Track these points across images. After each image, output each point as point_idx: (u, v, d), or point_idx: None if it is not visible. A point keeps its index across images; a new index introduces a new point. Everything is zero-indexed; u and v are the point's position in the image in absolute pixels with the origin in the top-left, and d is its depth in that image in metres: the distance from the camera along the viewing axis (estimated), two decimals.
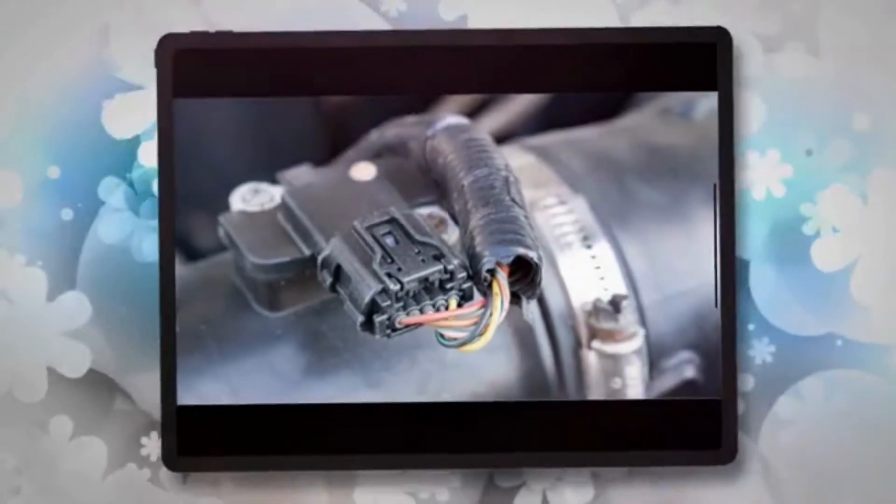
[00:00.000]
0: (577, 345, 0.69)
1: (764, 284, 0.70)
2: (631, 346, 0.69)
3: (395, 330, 0.64)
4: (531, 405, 0.68)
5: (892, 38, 0.70)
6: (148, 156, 0.70)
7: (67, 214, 0.70)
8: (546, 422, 0.68)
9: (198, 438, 0.68)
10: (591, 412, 0.68)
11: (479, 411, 0.68)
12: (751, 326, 0.70)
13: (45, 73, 0.71)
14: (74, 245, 0.70)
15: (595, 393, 0.69)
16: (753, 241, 0.70)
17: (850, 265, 0.70)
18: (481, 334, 0.64)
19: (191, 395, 0.68)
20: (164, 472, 0.70)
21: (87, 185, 0.70)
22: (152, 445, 0.71)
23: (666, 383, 0.69)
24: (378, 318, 0.64)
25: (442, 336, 0.64)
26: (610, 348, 0.68)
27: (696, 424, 0.68)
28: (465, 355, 0.65)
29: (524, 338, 0.69)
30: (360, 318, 0.64)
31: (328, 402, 0.68)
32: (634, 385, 0.69)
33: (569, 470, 0.70)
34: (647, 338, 0.69)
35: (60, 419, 0.71)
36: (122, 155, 0.70)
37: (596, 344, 0.69)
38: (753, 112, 0.70)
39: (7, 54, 0.71)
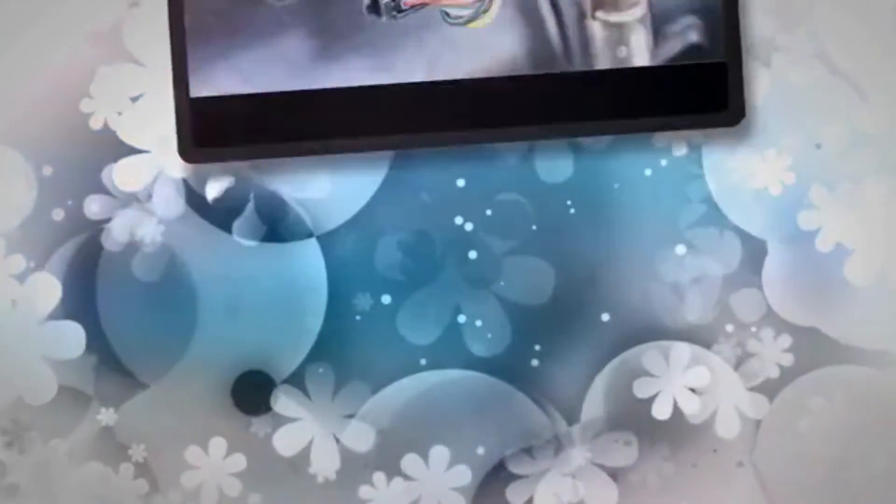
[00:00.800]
0: (582, 15, 0.69)
1: (771, 274, 0.71)
2: (635, 13, 0.69)
3: (400, 11, 0.65)
4: (539, 78, 0.69)
5: None
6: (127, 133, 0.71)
7: (59, 214, 0.71)
8: (554, 93, 0.69)
9: (212, 128, 0.69)
10: (598, 81, 0.69)
11: (487, 87, 0.69)
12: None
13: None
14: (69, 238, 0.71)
15: (601, 62, 0.69)
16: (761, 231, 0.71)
17: (851, 259, 0.71)
18: (486, 10, 0.65)
19: (203, 86, 0.69)
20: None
21: (82, 180, 0.71)
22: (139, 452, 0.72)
23: (671, 49, 0.70)
24: (383, 0, 0.64)
25: (447, 14, 0.65)
26: (614, 17, 0.69)
27: (703, 88, 0.69)
28: (472, 32, 0.66)
29: (528, 12, 0.69)
30: (366, 1, 0.64)
31: (339, 86, 0.69)
32: (640, 52, 0.69)
33: (578, 140, 0.71)
34: (650, 5, 0.69)
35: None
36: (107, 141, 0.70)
37: (600, 14, 0.69)
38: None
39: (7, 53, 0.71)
